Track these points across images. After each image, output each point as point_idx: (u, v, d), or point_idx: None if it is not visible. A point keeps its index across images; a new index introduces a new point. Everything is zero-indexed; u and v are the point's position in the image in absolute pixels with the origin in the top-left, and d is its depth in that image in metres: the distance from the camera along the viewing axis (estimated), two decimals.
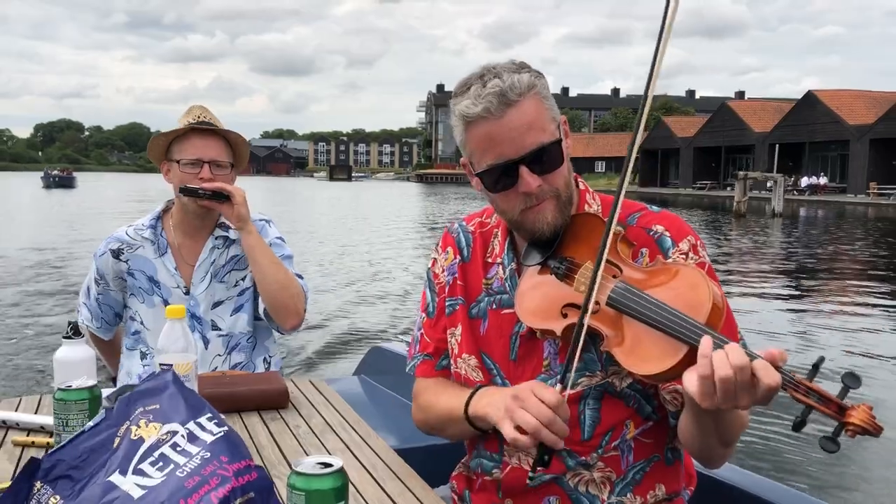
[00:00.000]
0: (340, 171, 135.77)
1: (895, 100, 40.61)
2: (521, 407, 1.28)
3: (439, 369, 1.60)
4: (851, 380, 1.08)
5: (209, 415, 1.12)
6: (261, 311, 2.31)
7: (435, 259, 1.64)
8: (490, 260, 1.55)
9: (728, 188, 40.46)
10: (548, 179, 1.38)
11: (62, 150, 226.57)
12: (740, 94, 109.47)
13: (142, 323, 2.33)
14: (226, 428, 1.10)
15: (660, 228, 1.44)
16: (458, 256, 1.59)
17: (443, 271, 1.60)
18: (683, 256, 1.41)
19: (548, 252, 1.42)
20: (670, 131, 58.76)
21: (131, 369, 2.31)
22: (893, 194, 37.10)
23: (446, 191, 63.67)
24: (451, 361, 1.56)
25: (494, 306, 1.51)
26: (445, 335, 1.58)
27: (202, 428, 1.09)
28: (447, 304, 1.58)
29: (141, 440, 1.08)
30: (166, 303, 2.27)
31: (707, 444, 1.35)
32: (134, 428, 1.09)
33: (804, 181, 44.40)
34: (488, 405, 1.41)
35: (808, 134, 45.22)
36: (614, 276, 1.32)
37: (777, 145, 46.92)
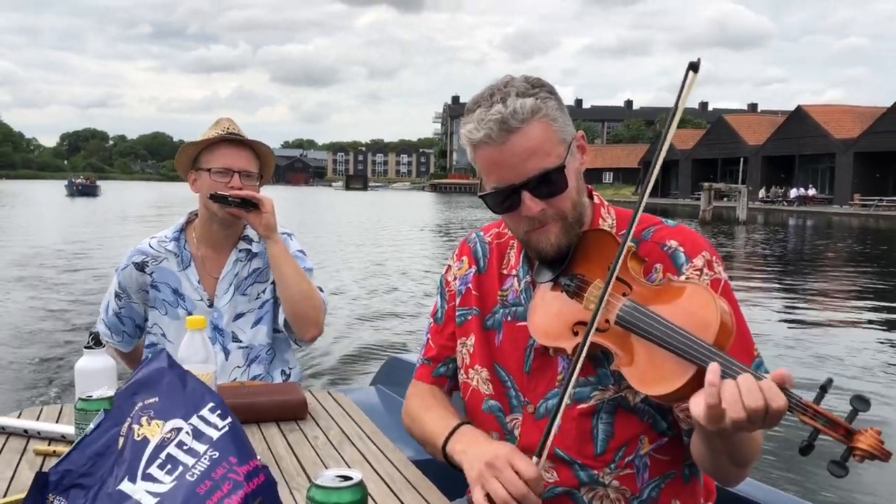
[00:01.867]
0: (356, 180, 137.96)
1: (878, 115, 43.71)
2: (495, 476, 1.28)
3: (435, 376, 1.62)
4: (860, 403, 1.08)
5: (211, 404, 1.09)
6: (280, 321, 2.32)
7: (449, 266, 1.64)
8: (506, 272, 1.55)
9: (724, 199, 43.00)
10: (552, 203, 1.37)
11: (87, 159, 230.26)
12: (753, 107, 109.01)
13: (163, 335, 2.34)
14: (229, 420, 1.08)
15: (674, 244, 1.42)
16: (473, 266, 1.59)
17: (455, 279, 1.61)
18: (698, 272, 1.39)
19: (559, 269, 1.42)
20: (671, 143, 58.68)
21: None
22: (873, 205, 39.95)
23: (459, 200, 66.45)
24: (462, 372, 1.57)
25: (509, 318, 1.51)
26: (449, 342, 1.59)
27: (206, 422, 1.07)
28: (458, 313, 1.58)
29: (146, 441, 1.06)
30: (190, 314, 2.27)
31: (719, 464, 1.34)
32: (136, 427, 1.08)
33: (793, 192, 47.61)
34: (463, 453, 1.41)
35: (798, 147, 48.64)
36: (624, 294, 1.31)
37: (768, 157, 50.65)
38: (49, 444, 1.63)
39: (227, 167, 2.24)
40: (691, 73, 1.26)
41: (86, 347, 1.64)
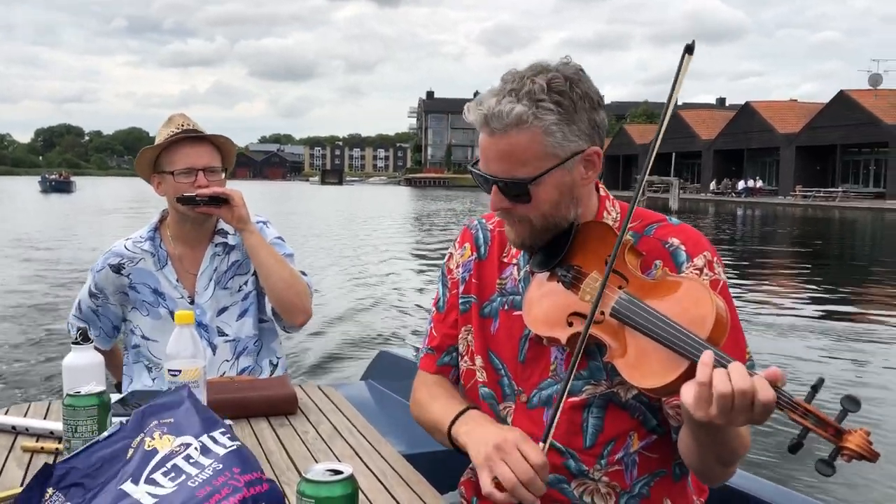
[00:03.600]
0: (332, 175, 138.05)
1: (817, 110, 46.71)
2: (503, 459, 1.28)
3: (440, 365, 1.62)
4: (850, 403, 1.08)
5: (223, 429, 1.13)
6: (268, 310, 2.31)
7: (451, 254, 1.64)
8: (506, 260, 1.55)
9: (682, 191, 46.06)
10: (517, 207, 1.38)
11: (62, 155, 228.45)
12: (721, 101, 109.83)
13: (143, 337, 2.32)
14: (238, 442, 1.11)
15: (676, 241, 1.42)
16: (474, 253, 1.59)
17: (457, 267, 1.61)
18: (698, 272, 1.39)
19: (556, 259, 1.41)
20: (630, 138, 64.64)
21: (143, 383, 2.30)
22: (811, 195, 43.25)
23: (434, 193, 68.35)
24: (468, 359, 1.56)
25: (506, 307, 1.51)
26: (453, 330, 1.59)
27: (215, 441, 1.10)
28: (461, 300, 1.58)
29: (154, 451, 1.08)
30: (172, 313, 2.25)
31: (705, 462, 1.34)
32: (148, 439, 1.10)
33: (740, 185, 50.39)
34: (467, 435, 1.41)
35: (746, 141, 52.29)
36: (620, 287, 1.31)
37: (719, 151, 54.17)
38: (37, 441, 1.62)
39: (190, 167, 2.21)
40: (687, 55, 1.25)
41: (73, 343, 1.63)
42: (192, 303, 2.29)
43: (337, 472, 1.01)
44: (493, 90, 1.36)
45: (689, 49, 1.25)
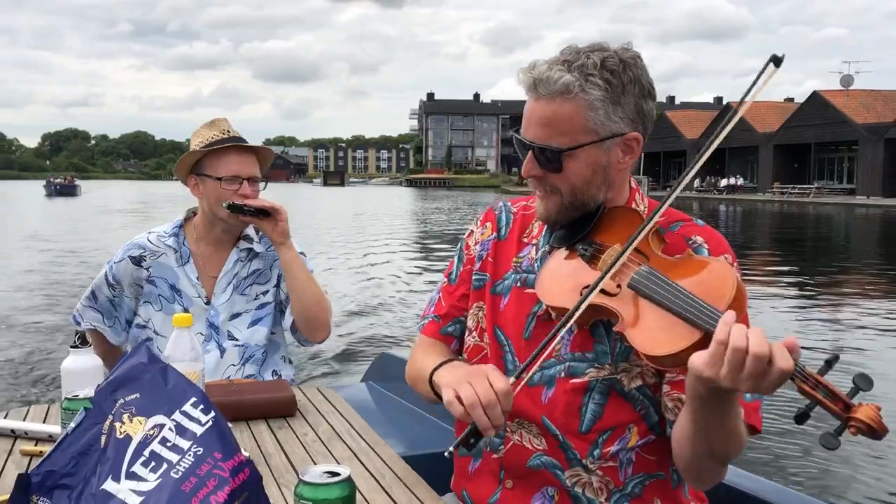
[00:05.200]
0: (334, 176, 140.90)
1: (793, 109, 49.26)
2: (469, 381, 1.29)
3: (443, 333, 1.62)
4: (863, 381, 1.07)
5: (193, 399, 1.08)
6: (286, 324, 2.34)
7: (472, 231, 1.65)
8: (526, 240, 1.55)
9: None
10: (549, 176, 1.40)
11: (69, 159, 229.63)
12: (719, 100, 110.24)
13: (155, 332, 2.33)
14: (213, 414, 1.07)
15: (699, 239, 1.43)
16: (495, 233, 1.60)
17: (476, 244, 1.61)
18: None
19: (579, 235, 1.42)
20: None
21: None
22: (787, 192, 44.83)
23: (434, 193, 70.22)
24: (476, 334, 1.56)
25: (518, 284, 1.51)
26: (460, 303, 1.60)
27: (189, 417, 1.06)
28: (475, 277, 1.59)
29: (128, 438, 1.05)
30: (186, 311, 2.28)
31: (697, 450, 1.30)
32: (118, 425, 1.06)
33: (723, 182, 52.59)
34: (447, 375, 1.42)
35: (727, 140, 49.96)
36: (640, 263, 1.31)
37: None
38: (36, 445, 1.62)
39: (237, 174, 2.25)
40: (772, 65, 1.23)
41: (72, 347, 1.63)
42: (207, 303, 2.32)
43: (335, 475, 1.02)
44: (548, 59, 1.38)
45: (777, 62, 1.22)
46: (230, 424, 1.72)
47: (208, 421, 1.06)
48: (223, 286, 2.32)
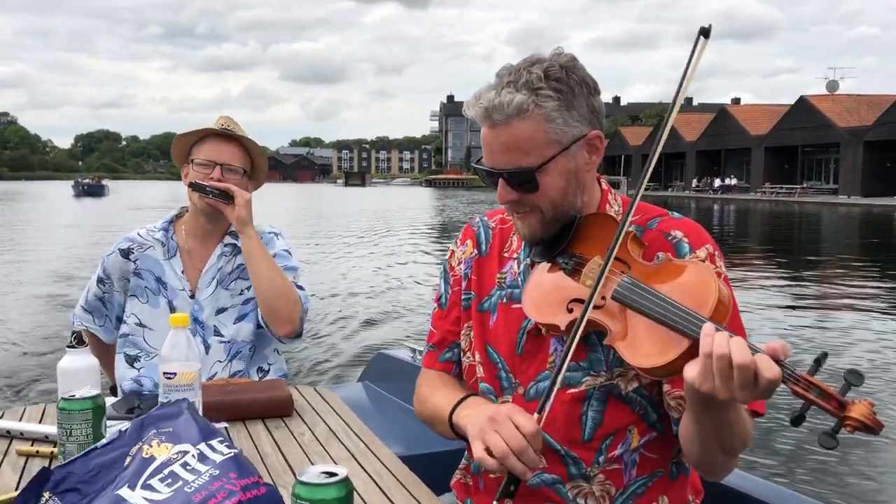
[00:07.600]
0: (355, 177, 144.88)
1: (783, 112, 51.31)
2: (496, 430, 1.27)
3: (441, 361, 1.61)
4: (854, 377, 1.07)
5: (220, 438, 1.13)
6: (260, 317, 2.32)
7: (453, 251, 1.65)
8: (507, 255, 1.55)
9: (669, 189, 55.61)
10: (525, 197, 1.39)
11: (101, 160, 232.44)
12: (736, 101, 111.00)
13: (138, 324, 2.33)
14: (236, 450, 1.11)
15: (679, 234, 1.43)
16: (475, 250, 1.60)
17: (459, 263, 1.61)
18: None
19: (557, 249, 1.42)
20: (624, 140, 69.98)
21: (124, 374, 2.30)
22: (776, 192, 47.37)
23: (454, 193, 72.03)
24: (469, 354, 1.56)
25: (505, 300, 1.51)
26: (454, 327, 1.59)
27: (213, 449, 1.10)
28: (464, 297, 1.58)
29: (152, 458, 1.09)
30: (171, 304, 2.29)
31: (707, 449, 1.32)
32: (146, 447, 1.10)
33: (717, 182, 55.31)
34: (467, 417, 1.41)
35: (724, 142, 56.91)
36: (622, 272, 1.31)
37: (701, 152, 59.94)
38: (32, 445, 1.61)
39: (211, 159, 2.28)
40: (702, 38, 1.24)
41: (68, 347, 1.63)
42: (192, 297, 2.31)
43: (332, 475, 1.01)
44: (489, 85, 1.37)
45: (705, 33, 1.24)
46: (227, 424, 1.73)
47: (230, 453, 1.10)
48: (207, 280, 2.32)
